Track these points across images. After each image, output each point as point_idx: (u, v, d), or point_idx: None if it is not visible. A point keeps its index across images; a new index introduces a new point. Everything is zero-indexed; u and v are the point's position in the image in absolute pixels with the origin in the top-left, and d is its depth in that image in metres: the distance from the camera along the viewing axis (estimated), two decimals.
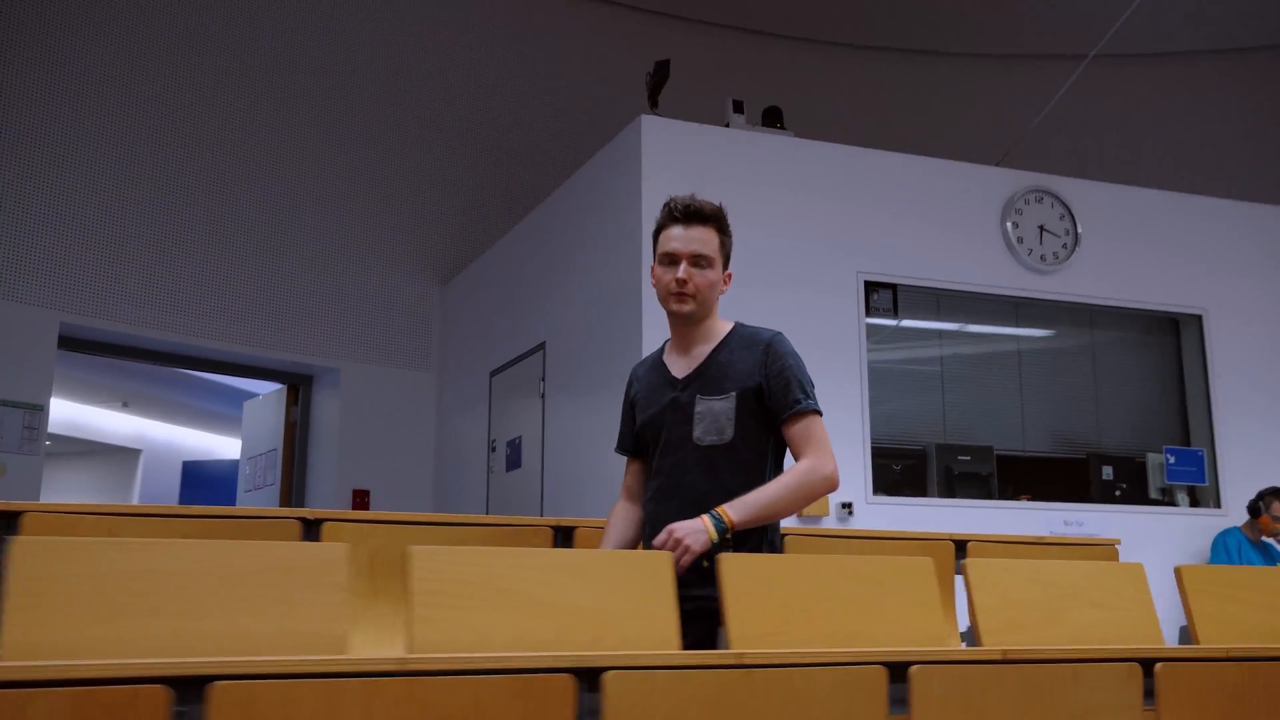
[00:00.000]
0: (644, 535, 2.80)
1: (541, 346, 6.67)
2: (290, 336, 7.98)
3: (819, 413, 2.77)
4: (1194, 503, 6.47)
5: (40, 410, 6.74)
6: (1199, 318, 6.62)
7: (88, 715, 1.65)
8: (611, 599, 2.25)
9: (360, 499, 7.94)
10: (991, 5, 9.48)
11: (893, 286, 6.06)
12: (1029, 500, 6.16)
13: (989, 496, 6.08)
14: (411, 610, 2.05)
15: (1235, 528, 6.18)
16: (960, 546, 3.51)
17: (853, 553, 3.57)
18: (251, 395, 11.63)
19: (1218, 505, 6.40)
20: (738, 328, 2.87)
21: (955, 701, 2.29)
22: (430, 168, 8.66)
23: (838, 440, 5.69)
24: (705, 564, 2.47)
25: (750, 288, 5.54)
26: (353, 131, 8.40)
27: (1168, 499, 6.46)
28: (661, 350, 2.93)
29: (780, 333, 2.84)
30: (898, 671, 2.22)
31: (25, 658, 1.74)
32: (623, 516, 2.87)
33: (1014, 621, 2.59)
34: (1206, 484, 6.44)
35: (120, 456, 14.23)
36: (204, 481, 13.66)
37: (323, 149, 8.27)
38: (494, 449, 7.26)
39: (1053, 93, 7.11)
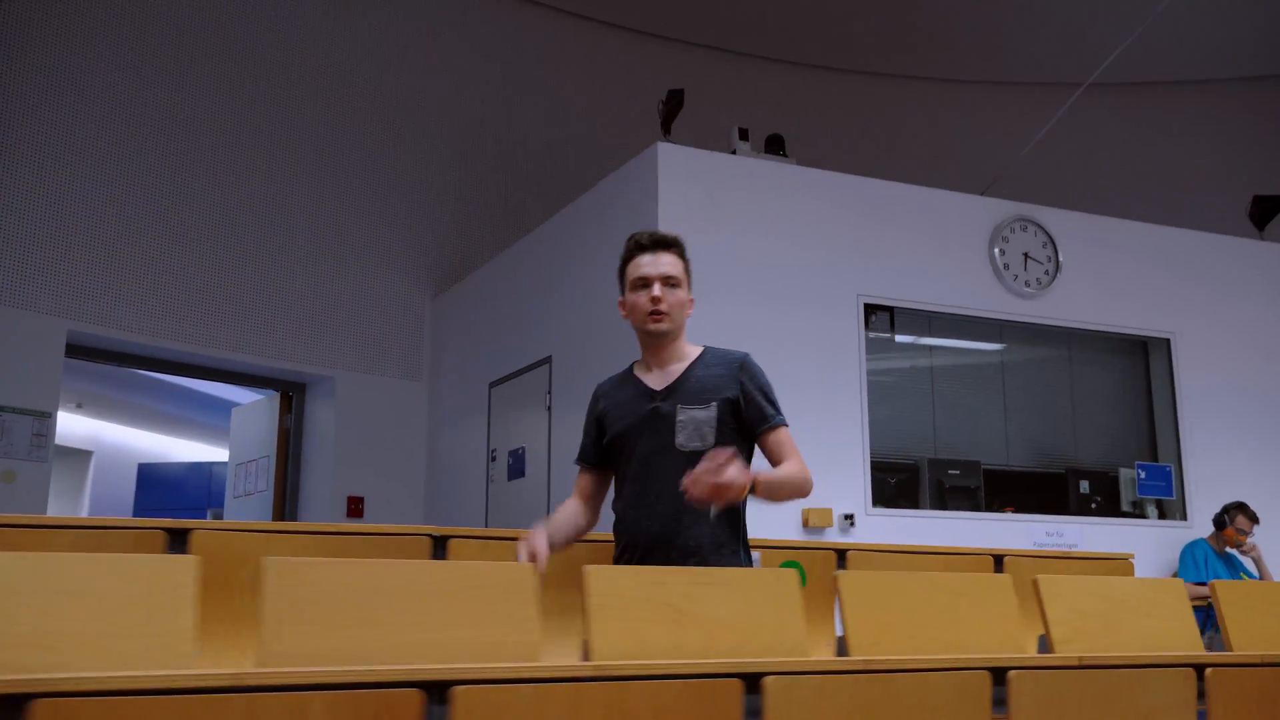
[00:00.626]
0: (620, 540, 3.00)
1: (548, 360, 6.88)
2: (284, 344, 8.10)
3: (787, 425, 3.05)
4: (1162, 515, 6.89)
5: (49, 417, 6.80)
6: (1167, 341, 7.04)
7: (354, 716, 1.88)
8: (750, 610, 2.51)
9: (355, 506, 8.08)
10: (982, 33, 9.91)
11: (890, 309, 6.39)
12: (1013, 512, 6.52)
13: (977, 508, 6.43)
14: (590, 623, 2.29)
15: (1202, 539, 6.60)
16: (998, 561, 3.81)
17: (897, 568, 3.86)
18: (209, 398, 11.64)
19: (1184, 518, 6.83)
20: (708, 349, 3.11)
21: (1044, 702, 2.59)
22: (425, 179, 8.84)
23: (840, 455, 5.99)
24: (717, 510, 2.76)
25: (757, 307, 5.86)
26: (349, 140, 8.55)
27: (1138, 511, 6.87)
28: (629, 370, 3.15)
29: (749, 353, 3.11)
30: (998, 675, 2.52)
31: (286, 665, 1.95)
32: (573, 510, 3.06)
33: (1081, 630, 2.89)
34: (1174, 498, 6.87)
35: (71, 458, 14.10)
36: (159, 484, 13.61)
37: (320, 157, 8.41)
38: (494, 458, 7.46)
39: (1036, 119, 7.51)
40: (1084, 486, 6.74)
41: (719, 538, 2.91)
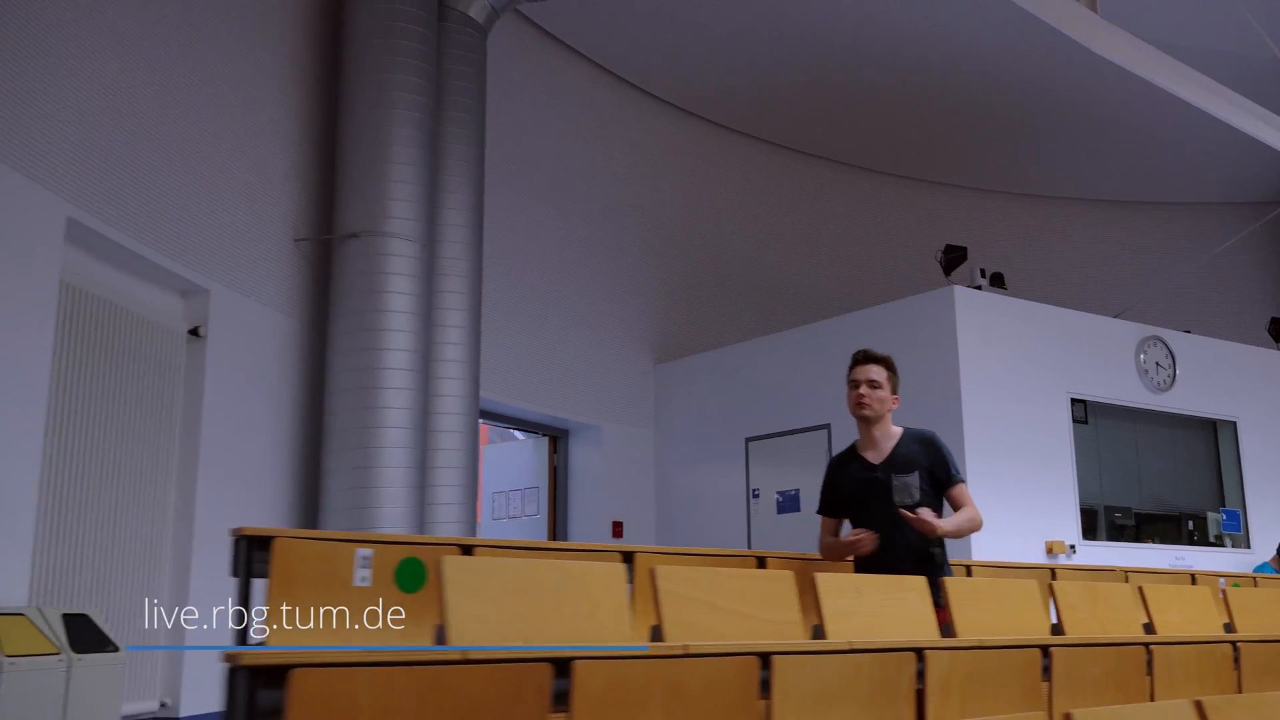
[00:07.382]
0: (857, 566, 4.22)
1: (826, 426, 9.34)
2: (553, 398, 10.25)
3: (965, 481, 4.30)
4: (1234, 545, 9.94)
5: None
6: (1234, 423, 10.09)
7: (493, 683, 2.53)
8: (762, 607, 3.44)
9: (618, 529, 10.30)
10: (1142, 155, 12.77)
11: (1084, 401, 9.16)
12: (1152, 543, 9.42)
13: (1134, 540, 9.30)
14: (662, 611, 3.18)
15: (1267, 561, 9.65)
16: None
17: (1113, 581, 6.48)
18: None
19: (1248, 547, 9.89)
20: (906, 429, 4.33)
21: (957, 677, 3.49)
22: (655, 279, 11.26)
23: (1061, 504, 8.70)
24: (935, 549, 4.15)
25: (1006, 404, 8.52)
26: (609, 246, 10.91)
27: (1219, 542, 9.89)
28: (851, 448, 4.43)
29: (935, 432, 4.36)
30: (920, 655, 3.40)
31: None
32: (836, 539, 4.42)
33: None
34: (1240, 532, 9.92)
35: None
36: None
37: (588, 258, 10.69)
38: (757, 496, 9.84)
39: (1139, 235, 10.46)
40: (1190, 525, 9.70)
41: (923, 563, 4.14)
